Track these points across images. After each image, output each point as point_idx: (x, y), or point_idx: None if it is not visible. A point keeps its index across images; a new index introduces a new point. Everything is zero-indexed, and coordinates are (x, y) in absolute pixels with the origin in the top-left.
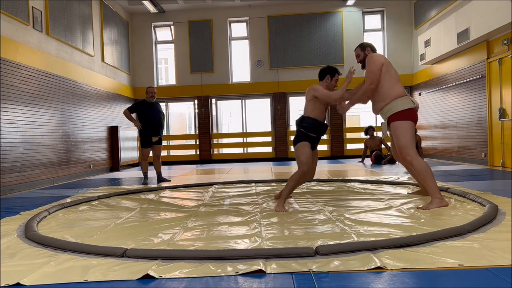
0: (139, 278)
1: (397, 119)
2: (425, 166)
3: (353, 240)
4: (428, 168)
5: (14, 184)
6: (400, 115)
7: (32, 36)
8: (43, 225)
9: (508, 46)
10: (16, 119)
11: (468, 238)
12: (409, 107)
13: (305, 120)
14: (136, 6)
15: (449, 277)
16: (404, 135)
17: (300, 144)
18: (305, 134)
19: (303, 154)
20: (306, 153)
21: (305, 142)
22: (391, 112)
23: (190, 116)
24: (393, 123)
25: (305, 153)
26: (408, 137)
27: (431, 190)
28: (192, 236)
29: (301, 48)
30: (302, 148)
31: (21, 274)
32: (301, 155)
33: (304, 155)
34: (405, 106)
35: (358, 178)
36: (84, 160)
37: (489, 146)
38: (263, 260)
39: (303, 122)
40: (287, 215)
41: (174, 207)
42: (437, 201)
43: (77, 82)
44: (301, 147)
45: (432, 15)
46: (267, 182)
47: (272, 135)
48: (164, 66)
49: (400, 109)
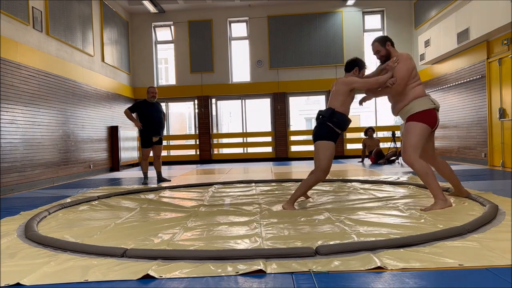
0: (139, 278)
1: (413, 119)
2: (426, 169)
3: (353, 240)
4: (429, 170)
5: (14, 184)
6: (418, 116)
7: (32, 36)
8: (43, 225)
9: (508, 46)
10: (16, 119)
11: (468, 238)
12: (427, 107)
13: (337, 116)
14: (136, 6)
15: (449, 277)
16: (413, 136)
17: (325, 143)
18: (332, 130)
19: (326, 158)
20: (328, 157)
21: (331, 142)
22: (410, 113)
23: (190, 116)
24: (409, 123)
25: (328, 157)
26: (416, 140)
27: (434, 191)
28: (192, 236)
29: (301, 48)
30: (327, 149)
31: (21, 274)
32: (323, 158)
33: (327, 159)
34: (423, 107)
35: (358, 178)
36: (84, 160)
37: (489, 146)
38: (263, 260)
39: (333, 117)
40: (287, 215)
41: (174, 207)
42: (440, 202)
43: (77, 82)
44: (326, 148)
45: (432, 15)
46: (267, 182)
47: (272, 135)
48: (164, 66)
49: (418, 110)
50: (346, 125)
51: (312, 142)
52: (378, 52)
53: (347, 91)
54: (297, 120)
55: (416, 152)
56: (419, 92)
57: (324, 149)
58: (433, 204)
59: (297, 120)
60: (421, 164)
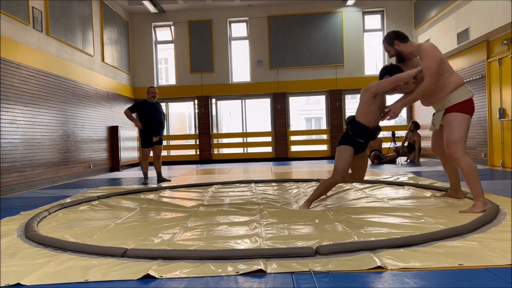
0: (139, 278)
1: (456, 110)
2: (473, 167)
3: (353, 240)
4: (475, 169)
5: (14, 184)
6: (460, 106)
7: (32, 36)
8: (43, 225)
9: (508, 46)
10: (16, 119)
11: (468, 238)
12: (468, 97)
13: (354, 124)
14: (136, 6)
15: (449, 277)
16: (459, 129)
17: (342, 147)
18: (351, 137)
19: (342, 161)
20: (345, 160)
21: (349, 147)
22: (451, 103)
23: (190, 116)
24: (450, 114)
25: (345, 160)
26: (462, 132)
27: (475, 192)
28: (192, 236)
29: (301, 48)
30: (344, 153)
31: (21, 274)
32: (340, 161)
33: (343, 162)
34: (465, 96)
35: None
36: (84, 160)
37: (489, 146)
38: (263, 260)
39: (351, 125)
40: (287, 215)
41: (174, 207)
42: (480, 204)
43: (77, 82)
44: (343, 152)
45: (432, 15)
46: (267, 182)
47: (272, 135)
48: (164, 66)
49: (460, 100)
50: (365, 135)
51: (312, 142)
52: (389, 51)
53: (369, 99)
54: (297, 120)
55: (462, 146)
56: (458, 81)
57: (341, 153)
58: (472, 206)
59: (297, 120)
60: (468, 162)
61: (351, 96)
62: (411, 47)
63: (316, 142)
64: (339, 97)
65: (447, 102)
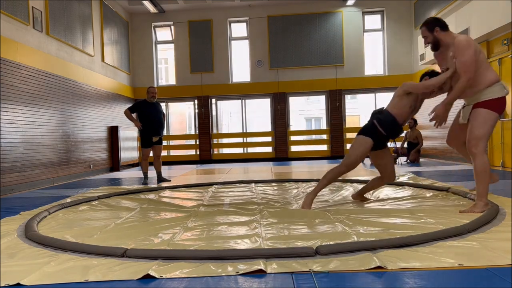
0: (139, 278)
1: (486, 106)
2: (487, 167)
3: (353, 240)
4: (488, 170)
5: (14, 184)
6: (490, 103)
7: (32, 36)
8: (43, 225)
9: (508, 46)
10: (16, 119)
11: (468, 238)
12: (501, 95)
13: (384, 113)
14: (136, 6)
15: (449, 277)
16: (484, 126)
17: (361, 138)
18: (375, 127)
19: (356, 151)
20: (360, 152)
21: (369, 138)
22: (482, 99)
23: (190, 116)
24: (479, 109)
25: (360, 152)
26: (486, 130)
27: (481, 192)
28: (192, 236)
29: (301, 48)
30: (361, 145)
31: (21, 274)
32: (353, 151)
33: (357, 153)
34: (499, 93)
35: (358, 178)
36: (84, 160)
37: (489, 146)
38: (263, 260)
39: (379, 113)
40: (287, 215)
41: (174, 207)
42: (481, 204)
43: (77, 82)
44: (361, 143)
45: (432, 15)
46: (267, 182)
47: (272, 135)
48: (164, 66)
49: (492, 97)
50: (393, 128)
51: (312, 142)
52: (426, 38)
53: (401, 93)
54: (297, 120)
55: (484, 143)
56: (494, 78)
57: (358, 143)
58: (472, 206)
59: (297, 120)
60: (484, 160)
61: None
62: (449, 37)
63: (316, 142)
64: (339, 97)
65: (480, 97)
